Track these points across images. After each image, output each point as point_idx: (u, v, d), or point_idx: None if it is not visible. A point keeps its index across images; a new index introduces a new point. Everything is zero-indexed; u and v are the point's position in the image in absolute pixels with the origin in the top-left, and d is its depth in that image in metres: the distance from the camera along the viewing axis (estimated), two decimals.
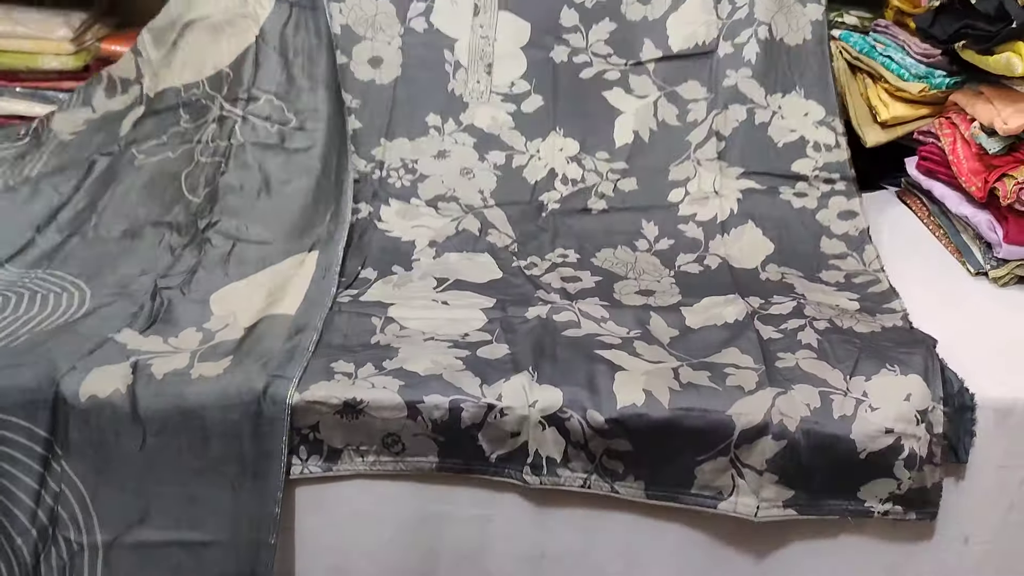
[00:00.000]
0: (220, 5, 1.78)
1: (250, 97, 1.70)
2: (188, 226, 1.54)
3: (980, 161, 1.47)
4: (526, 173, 1.69)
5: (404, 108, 1.73)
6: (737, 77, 1.69)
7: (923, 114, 1.72)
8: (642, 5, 1.75)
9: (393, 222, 1.60)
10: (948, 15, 1.56)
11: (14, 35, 2.51)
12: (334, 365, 1.19)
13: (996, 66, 1.43)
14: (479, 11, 1.76)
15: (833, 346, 1.22)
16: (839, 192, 1.61)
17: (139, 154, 1.68)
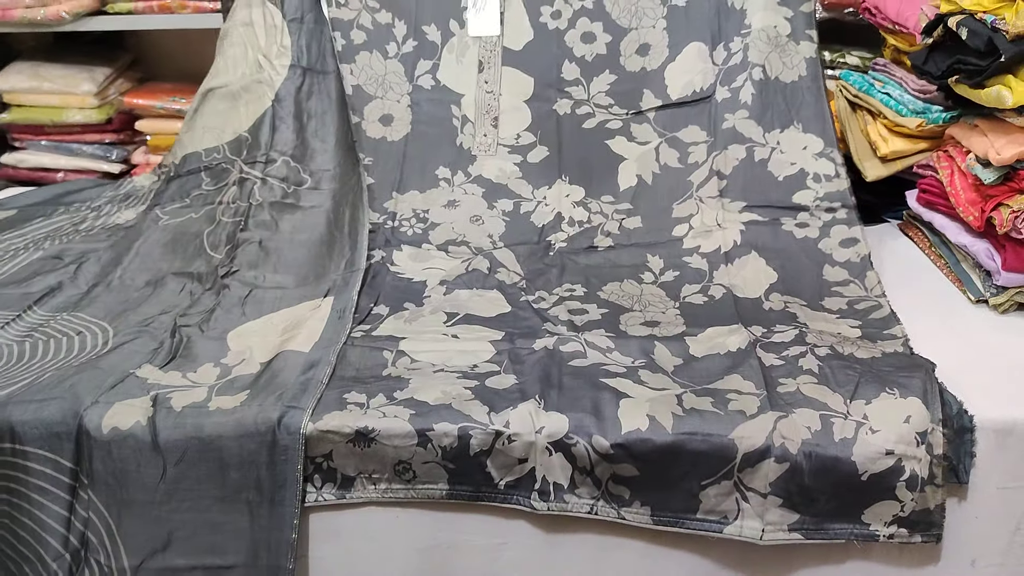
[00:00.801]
0: (237, 73, 1.88)
1: (268, 159, 1.78)
2: (208, 275, 1.61)
3: (977, 191, 1.51)
4: (534, 218, 1.74)
5: (414, 163, 1.80)
6: (735, 119, 1.74)
7: (922, 148, 1.76)
8: (640, 57, 1.81)
9: (405, 264, 1.65)
10: (941, 52, 1.61)
11: (40, 90, 2.61)
12: (347, 396, 1.23)
13: (987, 99, 1.46)
14: (484, 67, 1.83)
15: (834, 371, 1.24)
16: (840, 221, 1.63)
17: (163, 215, 1.77)
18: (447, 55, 1.85)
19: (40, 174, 2.67)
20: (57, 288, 1.58)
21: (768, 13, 1.76)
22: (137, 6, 2.54)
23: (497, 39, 1.84)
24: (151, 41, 2.85)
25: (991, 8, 1.47)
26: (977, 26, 1.47)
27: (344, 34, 1.85)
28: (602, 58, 1.82)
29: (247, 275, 1.58)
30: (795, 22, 1.77)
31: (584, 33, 1.83)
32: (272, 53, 1.85)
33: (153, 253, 1.67)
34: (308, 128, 1.81)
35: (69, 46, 2.72)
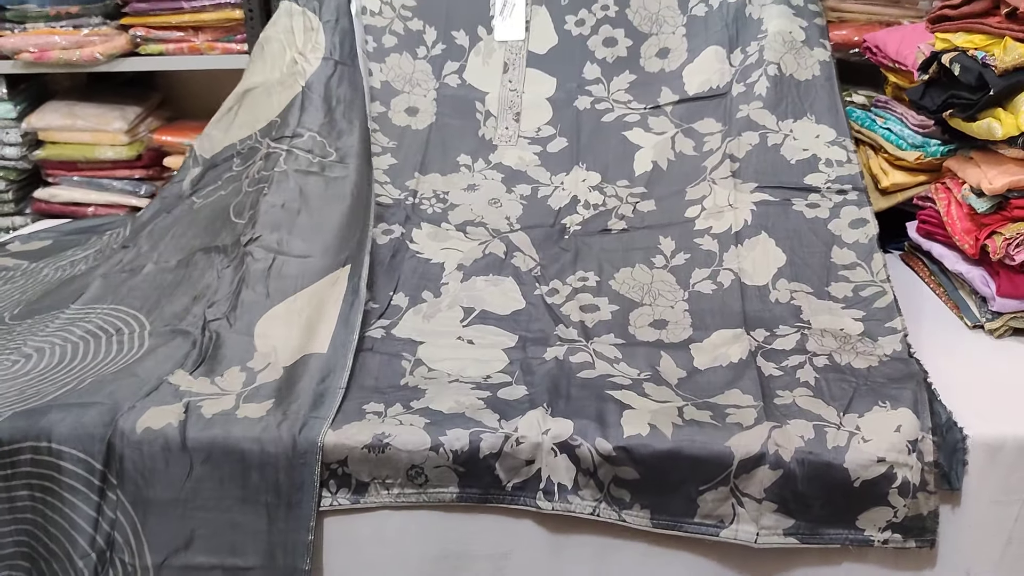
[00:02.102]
0: (275, 73, 1.94)
1: (294, 135, 1.80)
2: (233, 246, 1.65)
3: (972, 220, 1.56)
4: (550, 201, 1.81)
5: (437, 149, 1.88)
6: (749, 109, 1.79)
7: (921, 181, 1.82)
8: (660, 59, 1.90)
9: (424, 244, 1.71)
10: (937, 87, 1.68)
11: (74, 128, 2.72)
12: (366, 407, 1.29)
13: (979, 131, 1.53)
14: (508, 68, 1.92)
15: (829, 384, 1.30)
16: (851, 202, 1.65)
17: (197, 199, 1.85)
18: (474, 57, 1.94)
19: (72, 208, 2.77)
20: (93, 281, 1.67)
21: (784, 20, 1.84)
22: (168, 48, 2.65)
23: (522, 43, 1.93)
24: (180, 81, 2.97)
25: (982, 45, 1.54)
26: (968, 62, 1.54)
27: (376, 38, 1.96)
28: (623, 60, 1.91)
29: (269, 239, 1.60)
30: (809, 31, 1.85)
31: (606, 38, 1.93)
32: (307, 50, 1.91)
33: (187, 234, 1.74)
34: (336, 110, 1.85)
35: (102, 86, 2.84)
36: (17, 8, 2.59)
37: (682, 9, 1.92)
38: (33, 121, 2.71)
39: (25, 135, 2.74)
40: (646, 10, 1.93)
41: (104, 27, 2.60)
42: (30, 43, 2.59)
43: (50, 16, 2.59)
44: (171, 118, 2.96)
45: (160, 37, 2.64)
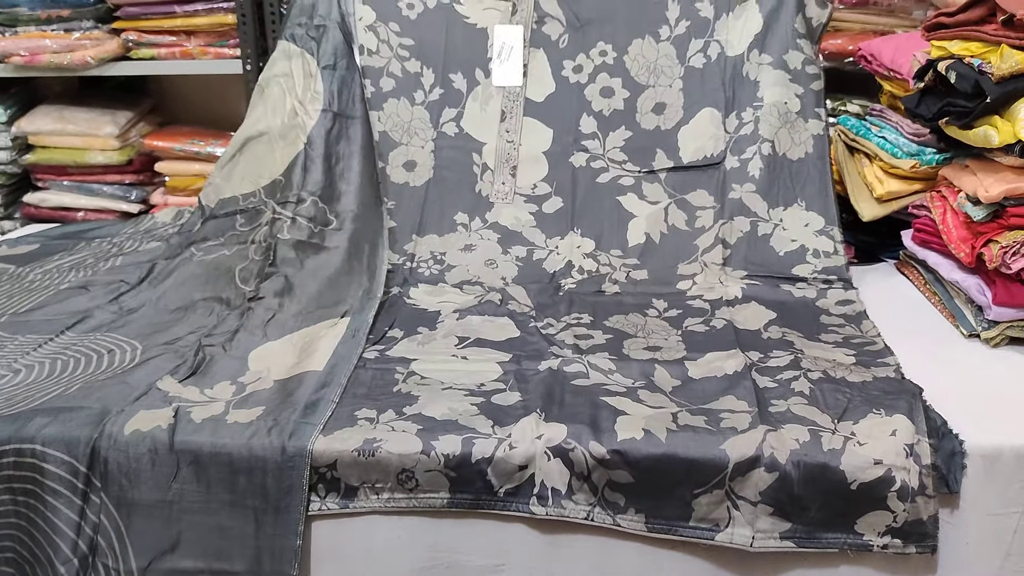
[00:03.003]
0: (276, 120, 1.95)
1: (299, 199, 1.84)
2: (236, 299, 1.68)
3: (967, 229, 1.55)
4: (546, 264, 1.82)
5: (434, 207, 1.89)
6: (742, 191, 1.83)
7: (916, 189, 1.81)
8: (656, 115, 1.89)
9: (421, 298, 1.72)
10: (932, 96, 1.67)
11: (64, 132, 2.70)
12: (357, 413, 1.28)
13: (976, 139, 1.52)
14: (506, 117, 1.91)
15: (824, 394, 1.29)
16: (837, 287, 1.72)
17: (197, 252, 1.84)
18: (471, 103, 1.93)
19: (61, 213, 2.75)
20: (89, 315, 1.64)
21: (780, 88, 1.86)
22: (160, 52, 2.64)
23: (520, 90, 1.92)
24: (172, 86, 2.96)
25: (978, 53, 1.54)
26: (965, 70, 1.54)
27: (374, 82, 1.94)
28: (619, 114, 1.91)
29: (271, 302, 1.65)
30: (805, 99, 1.86)
31: (604, 88, 1.91)
32: (307, 99, 1.92)
33: (186, 284, 1.74)
34: (335, 170, 1.88)
35: (93, 91, 2.83)
36: (7, 11, 2.57)
37: (680, 59, 1.91)
38: (23, 125, 2.69)
39: (15, 139, 2.72)
40: (644, 58, 1.92)
41: (96, 31, 2.59)
42: (20, 46, 2.57)
43: (41, 19, 2.58)
44: (162, 123, 2.94)
45: (152, 41, 2.63)
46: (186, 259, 1.82)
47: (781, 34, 1.86)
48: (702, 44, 1.90)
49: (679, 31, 1.90)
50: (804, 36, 1.86)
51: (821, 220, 1.79)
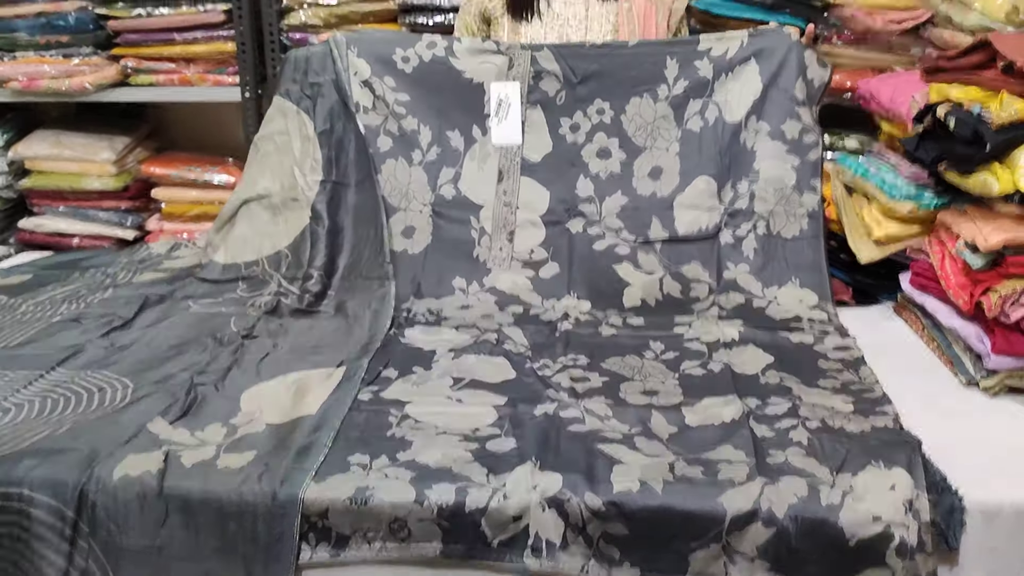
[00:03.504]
0: (276, 185, 1.97)
1: (306, 276, 1.88)
2: (231, 337, 1.67)
3: (966, 276, 1.55)
4: (543, 317, 1.81)
5: (433, 275, 1.89)
6: (736, 272, 1.84)
7: (914, 232, 1.81)
8: (652, 181, 1.89)
9: (416, 337, 1.71)
10: (931, 139, 1.67)
11: (61, 158, 2.69)
12: (351, 458, 1.26)
13: (975, 186, 1.52)
14: (503, 177, 1.91)
15: (823, 444, 1.28)
16: (833, 335, 1.70)
17: (194, 304, 1.85)
18: (469, 162, 1.92)
19: (56, 239, 2.73)
20: (80, 350, 1.63)
21: (776, 162, 1.86)
22: (158, 79, 2.64)
23: (518, 148, 1.91)
24: (170, 111, 2.95)
25: (977, 99, 1.54)
26: (964, 116, 1.54)
27: (371, 142, 1.93)
28: (616, 177, 1.90)
29: (266, 341, 1.66)
30: (801, 171, 1.86)
31: (600, 148, 1.91)
32: (306, 167, 1.94)
33: (181, 325, 1.74)
34: (335, 242, 1.92)
35: (90, 115, 2.81)
36: (6, 36, 2.57)
37: (678, 121, 1.91)
38: (20, 150, 2.68)
39: (11, 164, 2.70)
40: (641, 118, 1.92)
41: (94, 57, 2.59)
42: (19, 71, 2.57)
43: (40, 45, 2.58)
44: (160, 148, 2.93)
45: (151, 68, 2.62)
46: (182, 309, 1.82)
47: (780, 101, 1.87)
48: (700, 105, 1.90)
49: (677, 91, 1.89)
50: (803, 103, 1.86)
51: (815, 296, 1.81)
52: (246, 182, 2.04)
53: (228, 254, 2.00)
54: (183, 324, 1.76)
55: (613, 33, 2.04)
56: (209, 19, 2.55)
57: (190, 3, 2.53)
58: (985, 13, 2.11)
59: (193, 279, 1.98)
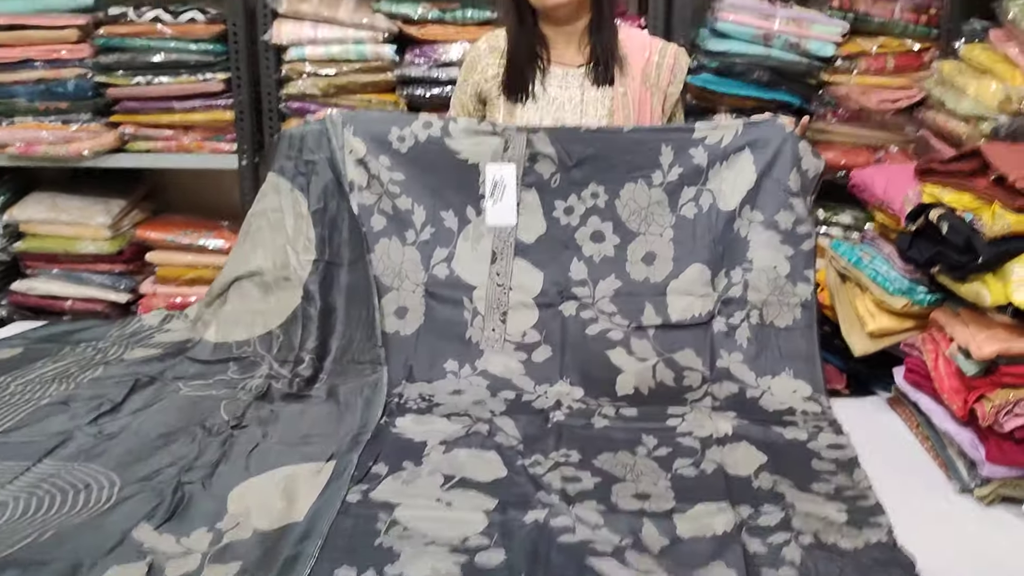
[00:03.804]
0: (268, 262, 1.96)
1: (297, 360, 1.87)
2: (221, 426, 1.66)
3: (960, 380, 1.54)
4: (535, 404, 1.80)
5: (425, 357, 1.88)
6: (730, 360, 1.83)
7: (908, 327, 1.80)
8: (646, 266, 1.89)
9: (407, 427, 1.70)
10: (925, 239, 1.68)
11: (56, 221, 2.71)
12: (338, 571, 1.24)
13: (968, 294, 1.52)
14: (496, 258, 1.91)
15: (816, 564, 1.26)
16: (828, 431, 1.69)
17: (184, 387, 1.83)
18: (462, 243, 1.92)
19: (49, 302, 2.74)
20: (69, 438, 1.61)
21: (770, 252, 1.86)
22: (156, 145, 2.66)
23: (512, 229, 1.92)
24: (167, 173, 2.96)
25: (970, 206, 1.55)
26: (957, 222, 1.54)
27: (365, 221, 1.93)
28: (609, 261, 1.90)
29: (255, 431, 1.65)
30: (795, 262, 1.86)
31: (594, 232, 1.91)
32: (299, 245, 1.93)
33: (169, 411, 1.72)
34: (327, 324, 1.91)
35: (87, 176, 2.82)
36: (6, 101, 2.59)
37: (672, 207, 1.91)
38: (15, 213, 2.69)
39: (6, 227, 2.72)
40: (635, 203, 1.92)
41: (93, 123, 2.61)
42: (17, 137, 2.58)
43: (39, 111, 2.59)
44: (156, 210, 2.95)
45: (149, 135, 2.64)
46: (172, 391, 1.81)
47: (774, 192, 1.87)
48: (694, 192, 1.90)
49: (672, 177, 1.90)
50: (797, 194, 1.87)
51: (808, 388, 1.80)
52: (238, 258, 2.04)
53: (219, 332, 1.99)
54: (173, 409, 1.75)
55: (608, 117, 2.06)
56: (209, 88, 2.57)
57: (190, 72, 2.56)
58: (979, 100, 2.14)
59: (184, 358, 1.97)
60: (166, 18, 2.53)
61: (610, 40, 2.05)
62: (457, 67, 2.39)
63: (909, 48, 2.54)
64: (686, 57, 2.17)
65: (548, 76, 2.08)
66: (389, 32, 2.56)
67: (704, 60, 2.56)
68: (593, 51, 2.06)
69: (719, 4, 2.53)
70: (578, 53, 2.08)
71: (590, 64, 2.07)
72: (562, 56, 2.09)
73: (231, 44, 2.56)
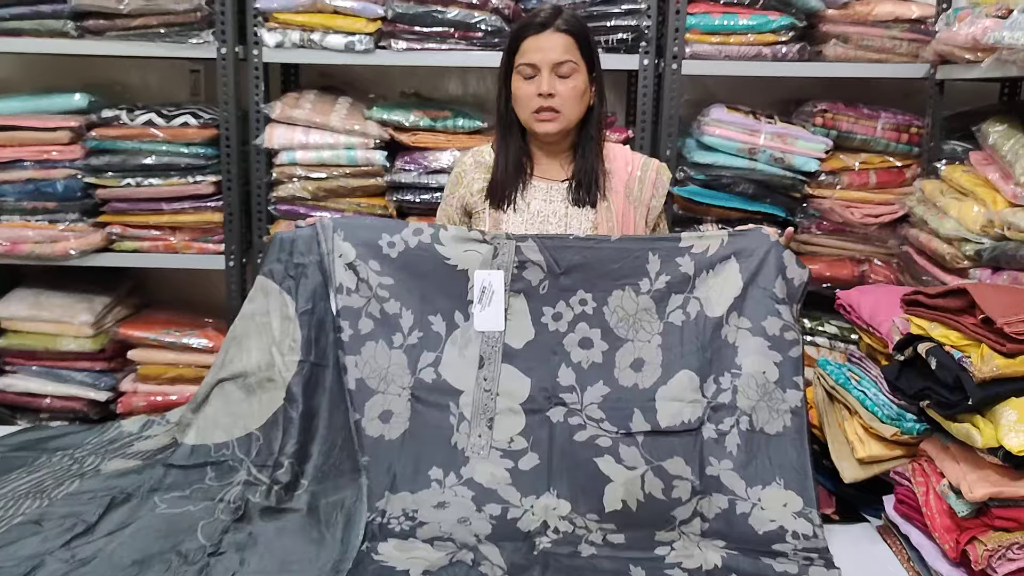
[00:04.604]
0: (252, 364, 1.93)
1: (276, 464, 1.83)
2: (196, 552, 1.61)
3: (951, 519, 1.53)
4: (520, 524, 1.76)
5: (409, 463, 1.84)
6: (720, 468, 1.81)
7: (898, 455, 1.79)
8: (634, 372, 1.89)
9: (390, 554, 1.65)
10: (913, 371, 1.68)
11: (39, 319, 2.68)
12: None
13: (958, 433, 1.52)
14: (484, 363, 1.89)
15: None
16: (819, 565, 1.66)
17: (160, 503, 1.78)
18: (450, 347, 1.91)
19: (27, 399, 2.69)
20: (40, 564, 1.56)
21: (758, 358, 1.86)
22: (143, 245, 2.65)
23: (500, 335, 1.91)
24: (154, 269, 2.93)
25: (958, 344, 1.55)
26: (946, 359, 1.55)
27: (352, 323, 1.92)
28: (597, 367, 1.89)
29: (233, 558, 1.60)
30: (783, 368, 1.86)
31: (583, 338, 1.91)
32: (285, 347, 1.91)
33: (145, 534, 1.67)
34: (310, 428, 1.87)
35: (73, 270, 2.79)
36: None
37: (660, 315, 1.92)
38: None
39: None
40: (623, 310, 1.93)
41: (80, 223, 2.60)
42: (2, 236, 2.56)
43: (27, 210, 2.58)
44: (140, 306, 2.93)
45: (137, 235, 2.64)
46: (148, 509, 1.76)
47: (760, 299, 1.88)
48: (682, 300, 1.91)
49: (659, 285, 1.91)
50: (783, 301, 1.88)
51: (800, 501, 1.77)
52: (223, 363, 2.01)
53: (199, 435, 1.94)
54: (149, 531, 1.69)
55: (592, 231, 2.08)
56: (199, 190, 2.58)
57: (181, 175, 2.57)
58: (961, 222, 2.18)
59: (160, 465, 1.92)
60: (159, 122, 2.54)
61: (593, 161, 2.09)
62: (447, 174, 2.41)
63: (891, 164, 2.60)
64: (668, 172, 2.20)
65: (532, 189, 2.10)
66: (380, 138, 2.59)
67: (691, 172, 2.61)
68: (576, 171, 2.09)
69: (705, 118, 2.59)
70: (561, 169, 2.12)
71: (572, 181, 2.10)
72: (546, 171, 2.12)
73: (223, 148, 2.57)
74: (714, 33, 2.52)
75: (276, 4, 2.51)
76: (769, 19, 2.50)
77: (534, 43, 1.99)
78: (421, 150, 2.62)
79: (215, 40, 2.51)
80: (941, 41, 2.33)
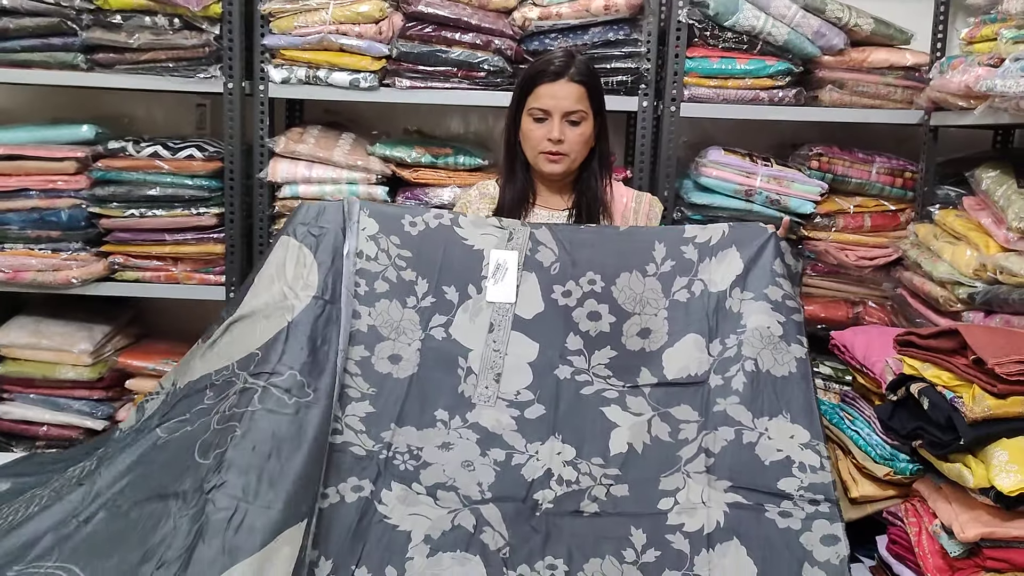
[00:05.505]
0: (261, 301, 1.89)
1: (274, 371, 1.75)
2: (194, 492, 1.58)
3: (944, 559, 1.54)
4: (524, 471, 1.79)
5: (416, 401, 1.86)
6: (726, 404, 1.82)
7: (891, 495, 1.81)
8: (641, 339, 1.92)
9: (393, 507, 1.69)
10: (905, 411, 1.70)
11: (38, 347, 2.69)
12: None
13: (950, 473, 1.53)
14: (494, 328, 1.93)
15: None
16: (823, 515, 1.65)
17: (163, 432, 1.76)
18: (461, 314, 1.95)
19: (23, 427, 2.70)
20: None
21: (762, 316, 1.88)
22: (145, 275, 2.67)
23: (510, 306, 1.95)
24: (155, 298, 2.95)
25: (950, 384, 1.57)
26: (938, 399, 1.57)
27: (369, 283, 1.95)
28: (605, 335, 1.93)
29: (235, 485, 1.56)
30: (787, 326, 1.88)
31: (591, 312, 1.95)
32: (298, 286, 1.88)
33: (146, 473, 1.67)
34: (321, 351, 1.82)
35: (73, 298, 2.80)
36: None
37: (665, 293, 1.97)
38: None
39: None
40: (631, 290, 1.98)
41: (83, 252, 2.62)
42: (5, 263, 2.58)
43: (30, 238, 2.60)
44: (140, 336, 2.94)
45: (139, 265, 2.66)
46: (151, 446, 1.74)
47: (761, 276, 1.92)
48: (686, 282, 1.95)
49: (664, 268, 1.96)
50: (783, 276, 1.91)
51: (807, 434, 1.76)
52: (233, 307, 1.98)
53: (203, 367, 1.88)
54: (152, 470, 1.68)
55: None
56: (202, 222, 2.61)
57: (184, 206, 2.60)
58: (954, 266, 2.20)
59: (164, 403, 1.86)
60: (165, 154, 2.58)
61: (594, 192, 2.16)
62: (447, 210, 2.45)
63: (886, 208, 2.64)
64: (659, 204, 2.28)
65: (535, 217, 2.17)
66: (382, 174, 2.62)
67: (688, 212, 2.65)
68: (576, 201, 2.17)
69: (703, 160, 2.63)
70: (563, 200, 2.20)
71: (572, 211, 2.16)
72: (548, 201, 2.20)
73: (227, 180, 2.61)
74: (712, 77, 2.57)
75: (283, 41, 2.56)
76: (766, 64, 2.55)
77: (548, 90, 2.07)
78: (422, 186, 2.65)
79: (222, 75, 2.55)
80: (935, 88, 2.38)
